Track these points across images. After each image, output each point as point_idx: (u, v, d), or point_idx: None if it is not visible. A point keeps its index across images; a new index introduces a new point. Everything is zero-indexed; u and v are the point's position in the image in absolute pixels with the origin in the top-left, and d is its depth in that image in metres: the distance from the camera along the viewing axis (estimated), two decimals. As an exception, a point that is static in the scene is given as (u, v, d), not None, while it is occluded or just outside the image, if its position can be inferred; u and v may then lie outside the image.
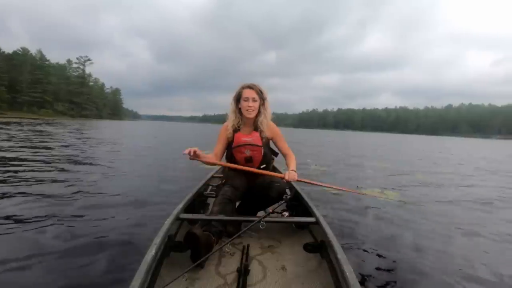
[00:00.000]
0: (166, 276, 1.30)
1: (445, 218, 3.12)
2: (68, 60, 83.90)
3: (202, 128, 46.02)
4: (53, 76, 71.53)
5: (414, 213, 3.26)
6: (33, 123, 24.59)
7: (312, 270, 1.43)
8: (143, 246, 1.65)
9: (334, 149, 13.88)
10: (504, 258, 2.20)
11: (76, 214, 2.59)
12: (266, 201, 1.96)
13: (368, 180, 5.33)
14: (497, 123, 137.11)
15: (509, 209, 3.74)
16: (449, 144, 31.51)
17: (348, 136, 43.64)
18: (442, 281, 1.79)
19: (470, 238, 2.59)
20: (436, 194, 4.38)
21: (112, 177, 4.37)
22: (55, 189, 3.39)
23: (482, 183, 5.81)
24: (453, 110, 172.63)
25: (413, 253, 2.18)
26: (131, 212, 2.73)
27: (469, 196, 4.38)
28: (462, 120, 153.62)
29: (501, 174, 7.39)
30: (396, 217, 3.03)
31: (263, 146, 1.97)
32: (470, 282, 1.79)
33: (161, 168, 5.46)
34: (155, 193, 3.48)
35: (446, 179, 5.94)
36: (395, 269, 1.89)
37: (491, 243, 2.50)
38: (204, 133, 25.40)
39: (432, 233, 2.64)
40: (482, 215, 3.38)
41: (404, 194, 4.24)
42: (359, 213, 3.10)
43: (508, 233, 2.74)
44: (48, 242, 2.02)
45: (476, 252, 2.29)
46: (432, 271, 1.89)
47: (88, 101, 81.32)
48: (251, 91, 1.92)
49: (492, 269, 1.97)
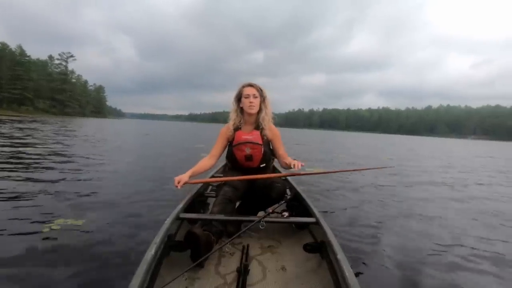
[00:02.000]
0: (166, 275, 1.30)
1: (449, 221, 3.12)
2: (50, 56, 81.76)
3: (190, 127, 45.15)
4: (34, 72, 69.63)
5: (414, 211, 3.41)
6: (16, 120, 24.13)
7: (312, 270, 1.44)
8: (143, 245, 1.61)
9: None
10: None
11: (76, 214, 2.61)
12: (267, 201, 1.96)
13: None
14: (472, 124, 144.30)
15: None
16: (414, 143, 33.09)
17: (334, 136, 43.53)
18: (443, 281, 1.80)
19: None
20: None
21: (112, 177, 4.42)
22: (50, 187, 3.44)
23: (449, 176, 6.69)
24: (432, 111, 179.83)
25: (413, 253, 2.20)
26: (131, 211, 2.76)
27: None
28: (441, 120, 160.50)
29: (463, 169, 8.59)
30: (396, 217, 3.12)
31: (263, 145, 1.99)
32: (477, 284, 1.81)
33: (160, 168, 5.51)
34: (155, 192, 3.52)
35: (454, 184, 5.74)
36: (395, 269, 1.91)
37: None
38: (194, 133, 23.97)
39: (432, 233, 2.68)
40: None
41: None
42: (359, 213, 3.17)
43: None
44: (48, 241, 2.03)
45: (483, 253, 2.28)
46: (432, 271, 1.91)
47: (71, 98, 79.71)
48: (252, 88, 1.98)
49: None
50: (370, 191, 4.42)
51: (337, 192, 4.13)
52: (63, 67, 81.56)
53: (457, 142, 50.57)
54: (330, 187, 4.44)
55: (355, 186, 4.67)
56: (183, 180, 1.77)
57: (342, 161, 8.67)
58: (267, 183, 1.91)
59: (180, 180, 1.77)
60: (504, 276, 1.93)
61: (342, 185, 4.65)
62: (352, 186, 4.66)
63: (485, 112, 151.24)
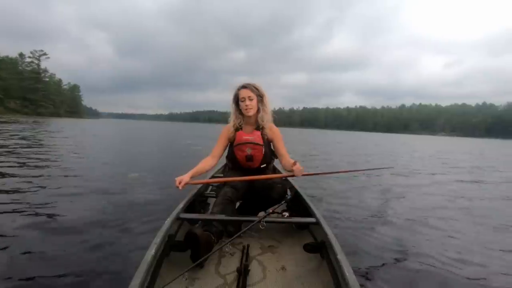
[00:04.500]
0: (166, 275, 1.30)
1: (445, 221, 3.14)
2: (21, 53, 78.11)
3: (170, 127, 44.59)
4: (3, 71, 66.44)
5: (415, 209, 3.49)
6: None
7: (312, 270, 1.44)
8: (143, 245, 1.60)
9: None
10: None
11: (76, 213, 2.64)
12: (267, 201, 1.95)
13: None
14: (441, 121, 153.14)
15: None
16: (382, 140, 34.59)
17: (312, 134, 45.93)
18: (443, 281, 1.83)
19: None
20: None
21: (111, 176, 4.46)
22: (51, 192, 3.43)
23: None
24: (406, 110, 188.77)
25: (413, 252, 2.22)
26: (131, 211, 2.79)
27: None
28: (413, 119, 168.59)
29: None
30: (396, 217, 3.15)
31: (264, 145, 1.99)
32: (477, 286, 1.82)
33: (159, 168, 5.62)
34: (155, 193, 3.56)
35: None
36: (395, 269, 1.92)
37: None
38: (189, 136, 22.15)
39: (433, 233, 2.70)
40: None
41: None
42: (359, 213, 3.21)
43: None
44: (48, 241, 2.05)
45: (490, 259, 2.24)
46: (433, 270, 1.93)
47: (44, 98, 76.69)
48: (246, 90, 1.96)
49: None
50: (370, 191, 4.51)
51: (337, 192, 4.21)
52: (35, 66, 78.30)
53: (426, 139, 53.08)
54: (330, 187, 4.54)
55: (355, 186, 4.77)
56: (184, 180, 1.77)
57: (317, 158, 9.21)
58: (267, 183, 1.91)
59: (181, 181, 1.76)
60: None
61: (342, 185, 4.76)
62: (352, 186, 4.76)
63: (453, 110, 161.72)
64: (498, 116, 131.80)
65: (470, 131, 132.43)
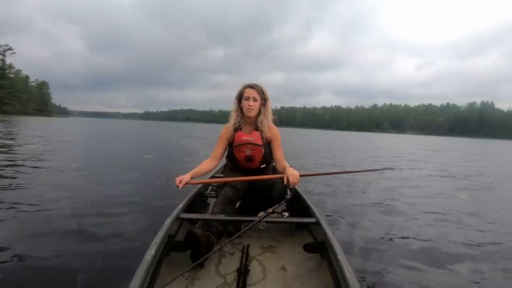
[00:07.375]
0: (166, 275, 1.30)
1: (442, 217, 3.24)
2: (-18, 48, 72.87)
3: (146, 128, 41.07)
4: (-37, 65, 61.68)
5: (415, 208, 3.52)
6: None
7: (312, 270, 1.44)
8: (143, 245, 1.52)
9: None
10: None
11: (75, 213, 2.64)
12: (267, 201, 1.96)
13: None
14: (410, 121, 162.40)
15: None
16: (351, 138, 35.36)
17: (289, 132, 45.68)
18: (443, 281, 1.83)
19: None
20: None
21: (111, 177, 4.48)
22: (50, 193, 3.40)
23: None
24: (378, 109, 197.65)
25: (413, 252, 2.22)
26: (131, 212, 2.79)
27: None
28: (384, 118, 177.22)
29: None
30: (396, 217, 3.17)
31: (263, 146, 1.98)
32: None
33: (159, 168, 5.65)
34: (155, 192, 3.57)
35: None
36: (395, 269, 1.91)
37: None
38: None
39: (433, 233, 2.70)
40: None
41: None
42: (359, 213, 3.23)
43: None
44: (47, 242, 2.06)
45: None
46: (433, 271, 1.94)
47: (10, 95, 72.09)
48: (253, 90, 1.94)
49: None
50: (369, 191, 4.55)
51: (337, 193, 4.25)
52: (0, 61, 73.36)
53: (397, 137, 55.19)
54: (330, 187, 4.61)
55: (355, 187, 4.81)
56: (184, 180, 1.78)
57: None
58: (267, 183, 1.91)
59: (181, 180, 1.77)
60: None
61: (342, 186, 4.81)
62: (352, 187, 4.79)
63: (421, 110, 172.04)
64: (460, 116, 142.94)
65: (435, 129, 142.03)
